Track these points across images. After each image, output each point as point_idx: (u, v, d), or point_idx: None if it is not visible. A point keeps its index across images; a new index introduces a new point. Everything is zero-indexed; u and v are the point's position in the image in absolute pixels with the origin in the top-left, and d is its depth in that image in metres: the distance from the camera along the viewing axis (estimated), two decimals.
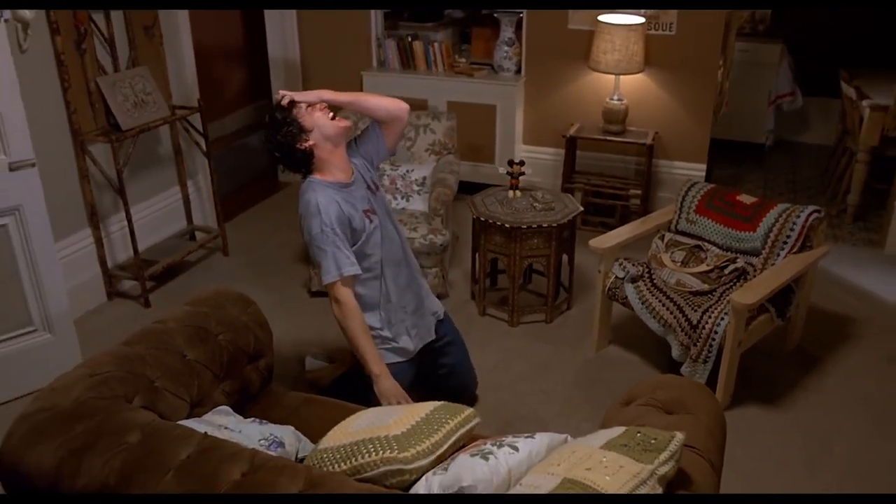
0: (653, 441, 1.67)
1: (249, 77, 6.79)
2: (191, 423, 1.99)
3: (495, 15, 4.85)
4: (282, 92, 2.65)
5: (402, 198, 4.05)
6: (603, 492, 1.53)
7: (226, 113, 6.55)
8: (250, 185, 5.48)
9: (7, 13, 2.82)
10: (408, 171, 4.12)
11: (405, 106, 2.73)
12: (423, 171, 4.12)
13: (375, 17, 5.12)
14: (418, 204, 4.01)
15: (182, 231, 4.41)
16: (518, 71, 4.90)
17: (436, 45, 5.02)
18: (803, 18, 6.08)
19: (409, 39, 5.05)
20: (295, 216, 2.67)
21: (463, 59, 5.12)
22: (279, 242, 4.58)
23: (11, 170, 2.88)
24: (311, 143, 2.55)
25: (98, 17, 3.67)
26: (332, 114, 2.60)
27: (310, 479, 1.66)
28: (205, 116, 4.15)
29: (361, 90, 5.14)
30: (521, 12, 4.75)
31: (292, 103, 2.57)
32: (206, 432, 1.86)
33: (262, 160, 5.95)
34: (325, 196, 2.53)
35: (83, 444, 1.78)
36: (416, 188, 4.07)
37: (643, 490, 1.56)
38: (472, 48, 5.23)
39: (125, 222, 3.86)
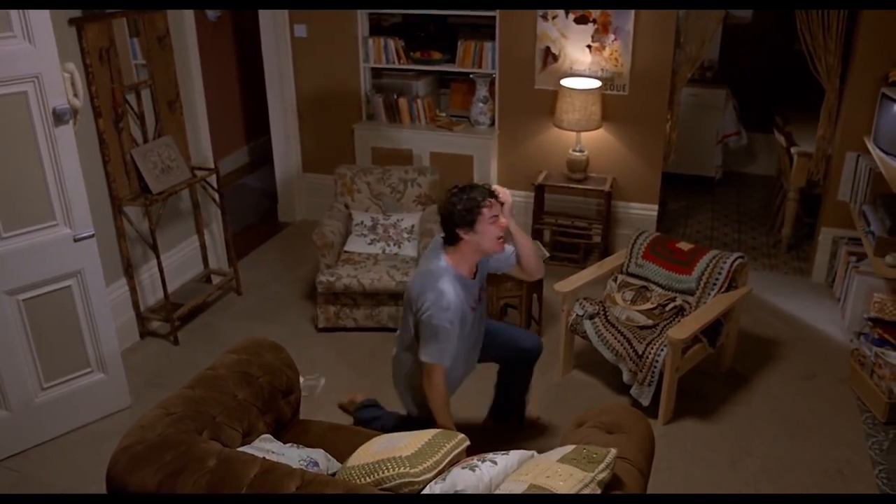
0: (594, 455, 2.31)
1: (247, 118, 7.39)
2: (247, 450, 2.61)
3: (471, 76, 5.51)
4: (500, 190, 2.98)
5: (395, 244, 4.68)
6: (557, 493, 2.17)
7: (224, 153, 7.11)
8: (254, 227, 6.08)
9: (68, 113, 3.41)
10: (398, 220, 4.76)
11: (540, 275, 3.29)
12: (411, 220, 4.76)
13: (364, 74, 5.75)
14: (409, 250, 4.65)
15: (200, 275, 5.01)
16: (492, 124, 5.56)
17: (419, 101, 5.67)
18: (745, 67, 6.83)
19: (395, 96, 5.70)
20: (299, 254, 3.12)
21: (443, 114, 5.77)
22: (286, 281, 5.20)
23: (75, 241, 3.49)
24: (466, 238, 2.90)
25: (131, 97, 4.27)
26: (501, 236, 2.94)
27: (347, 489, 2.29)
28: (220, 177, 4.77)
29: (353, 142, 5.79)
30: (494, 74, 5.41)
31: (493, 192, 2.91)
32: (263, 457, 2.48)
33: (261, 200, 6.58)
34: (456, 291, 2.90)
35: (175, 469, 2.38)
36: (405, 235, 4.71)
37: (586, 491, 2.20)
38: (451, 101, 5.88)
39: (154, 271, 4.48)
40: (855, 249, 4.71)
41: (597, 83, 5.05)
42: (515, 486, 2.23)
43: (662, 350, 3.63)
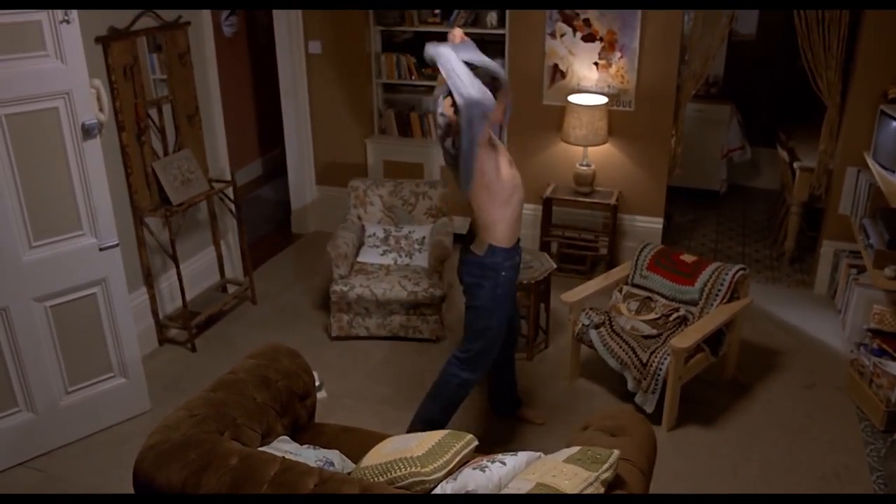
0: (598, 456, 2.43)
1: (260, 130, 7.55)
2: (266, 450, 2.73)
3: None
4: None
5: (406, 255, 4.81)
6: (563, 491, 2.29)
7: (238, 166, 7.25)
8: (268, 238, 6.23)
9: (96, 128, 3.56)
10: (410, 232, 4.90)
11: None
12: (422, 232, 4.89)
13: (376, 89, 5.91)
14: (420, 260, 4.78)
15: (216, 284, 5.15)
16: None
17: (430, 115, 5.81)
18: (750, 83, 6.97)
19: (407, 111, 5.85)
20: (312, 265, 3.22)
21: None
22: (299, 291, 5.34)
23: (101, 250, 3.64)
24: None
25: (152, 111, 4.43)
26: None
27: (363, 487, 2.41)
28: (236, 189, 4.91)
29: (365, 155, 5.95)
30: None
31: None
32: (283, 456, 2.60)
33: (275, 211, 6.72)
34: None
35: (199, 466, 2.51)
36: (416, 247, 4.84)
37: (590, 489, 2.31)
38: None
39: (172, 280, 4.62)
40: (856, 262, 4.81)
41: (603, 99, 5.18)
42: (523, 485, 2.35)
43: (666, 359, 3.74)
